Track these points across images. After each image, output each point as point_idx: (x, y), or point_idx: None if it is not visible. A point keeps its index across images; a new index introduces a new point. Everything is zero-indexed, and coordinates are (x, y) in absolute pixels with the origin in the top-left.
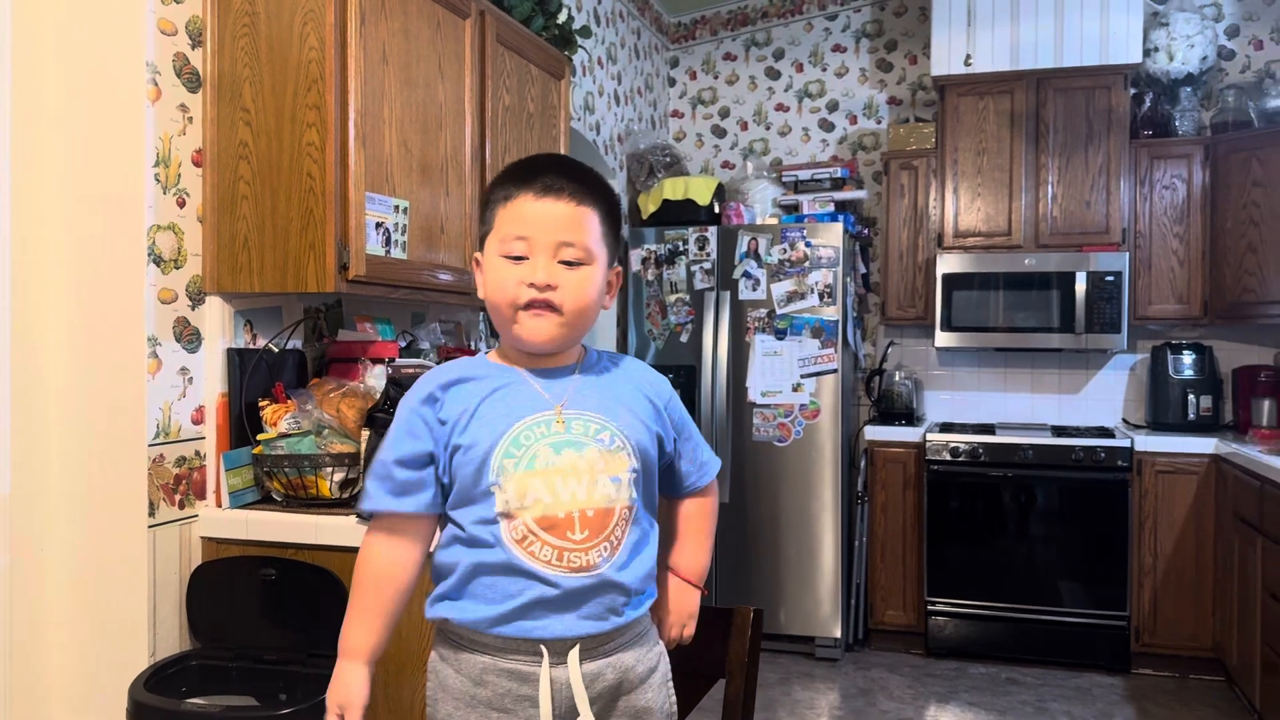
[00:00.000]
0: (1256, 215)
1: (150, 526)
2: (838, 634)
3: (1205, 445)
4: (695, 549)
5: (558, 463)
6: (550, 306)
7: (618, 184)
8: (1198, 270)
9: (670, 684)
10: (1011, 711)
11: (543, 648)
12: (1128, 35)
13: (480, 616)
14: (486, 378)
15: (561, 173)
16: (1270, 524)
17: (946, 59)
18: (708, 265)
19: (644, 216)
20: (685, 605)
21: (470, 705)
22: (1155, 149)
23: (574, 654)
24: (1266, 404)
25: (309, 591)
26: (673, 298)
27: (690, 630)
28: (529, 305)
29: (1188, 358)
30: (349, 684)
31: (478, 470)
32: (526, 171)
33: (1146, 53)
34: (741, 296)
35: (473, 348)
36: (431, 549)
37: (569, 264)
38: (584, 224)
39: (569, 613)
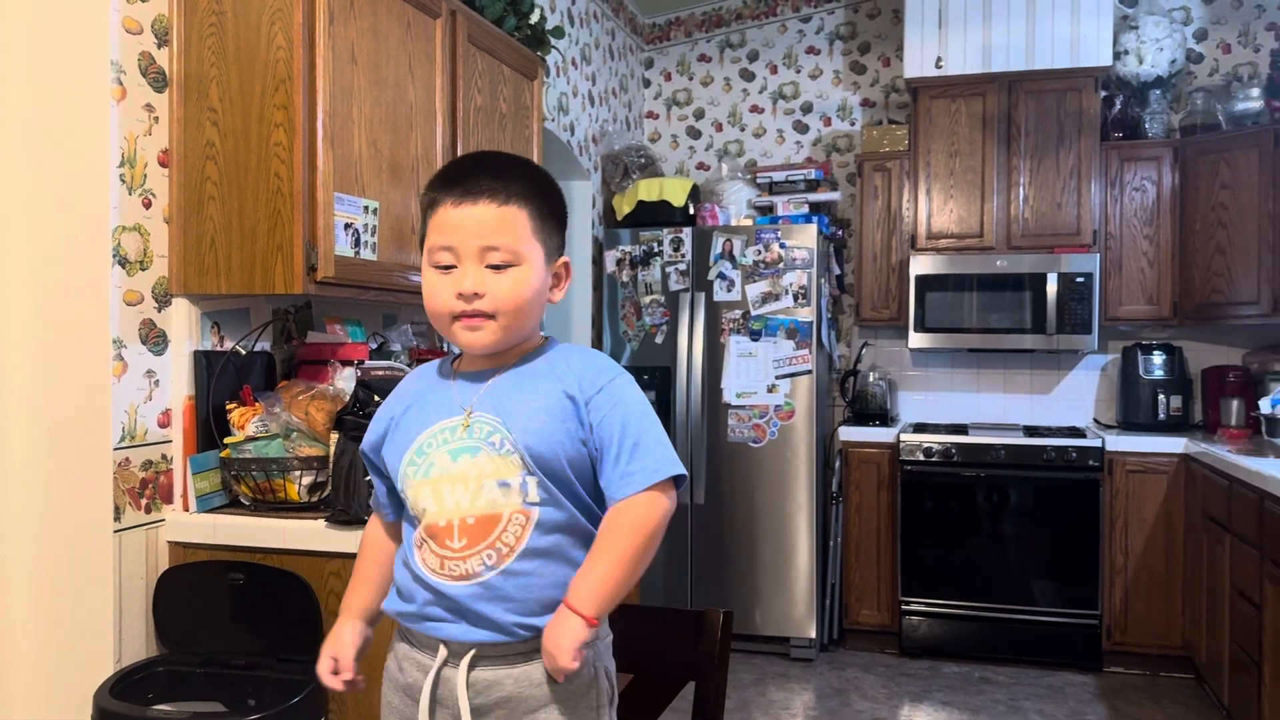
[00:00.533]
0: (1225, 217)
1: (116, 531)
2: (813, 634)
3: (1175, 445)
4: (588, 568)
5: (451, 470)
6: (482, 314)
7: (591, 185)
8: (1167, 271)
9: (603, 708)
10: (985, 710)
11: (443, 647)
12: (1098, 38)
13: (394, 610)
14: (424, 384)
15: (483, 174)
16: (1238, 523)
17: (919, 61)
18: (683, 266)
19: (619, 218)
20: (554, 633)
21: (395, 688)
22: (1125, 151)
23: (466, 659)
24: (1235, 404)
25: (277, 596)
26: (648, 299)
27: (563, 662)
28: (461, 316)
29: (1158, 358)
30: (340, 635)
31: (395, 477)
32: (447, 177)
33: (1116, 55)
34: (716, 298)
35: (445, 349)
36: None
37: (497, 268)
38: (509, 225)
39: (461, 620)
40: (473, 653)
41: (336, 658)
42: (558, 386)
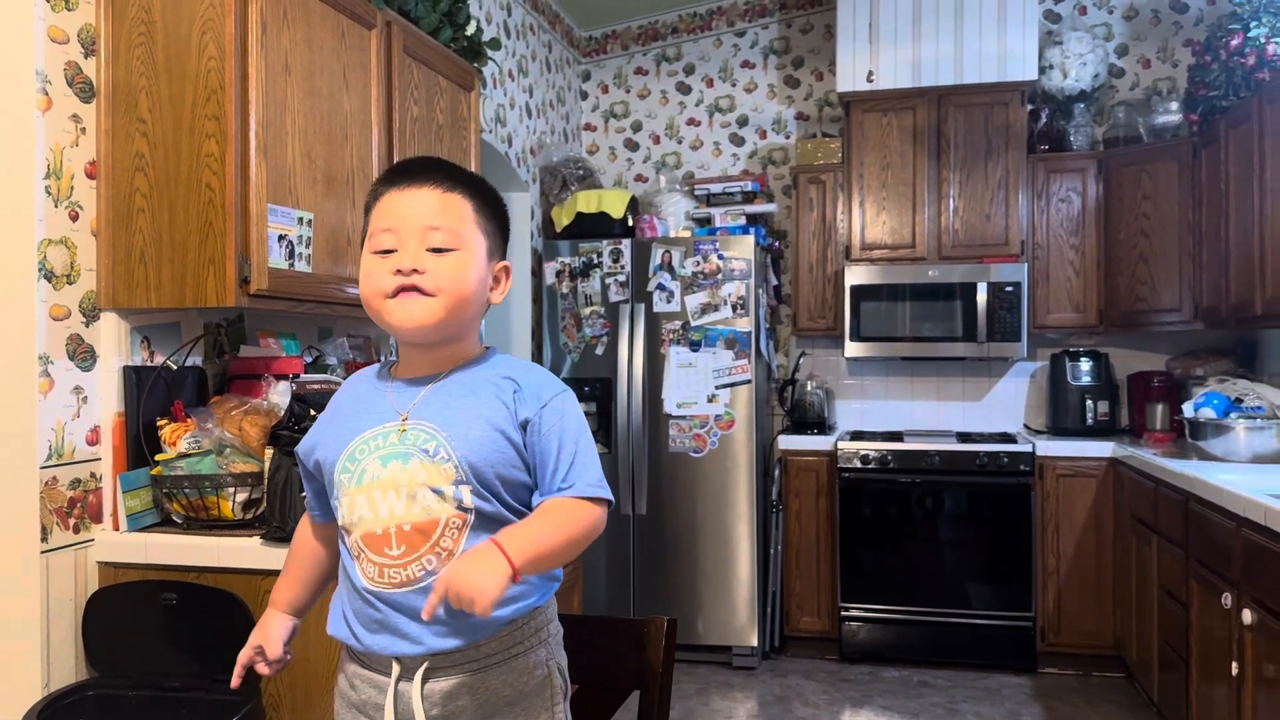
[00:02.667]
0: (1147, 227)
1: (43, 552)
2: (754, 642)
3: (1103, 449)
4: (523, 525)
5: (382, 476)
6: (419, 290)
7: (530, 197)
8: (1093, 280)
9: (557, 708)
10: (924, 714)
11: (394, 664)
12: (1024, 53)
13: (341, 636)
14: (359, 388)
15: (430, 166)
16: (1165, 524)
17: (851, 76)
18: (622, 278)
19: (558, 229)
20: (474, 568)
21: (347, 706)
22: (1052, 163)
23: (419, 673)
24: (1160, 408)
25: (212, 616)
26: (587, 310)
27: (481, 604)
28: (396, 292)
29: (1085, 365)
30: (268, 626)
31: (329, 485)
32: (395, 170)
33: (1042, 70)
34: (656, 309)
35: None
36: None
37: (439, 251)
38: (452, 209)
39: (406, 629)
40: (425, 665)
41: (263, 646)
42: (498, 397)
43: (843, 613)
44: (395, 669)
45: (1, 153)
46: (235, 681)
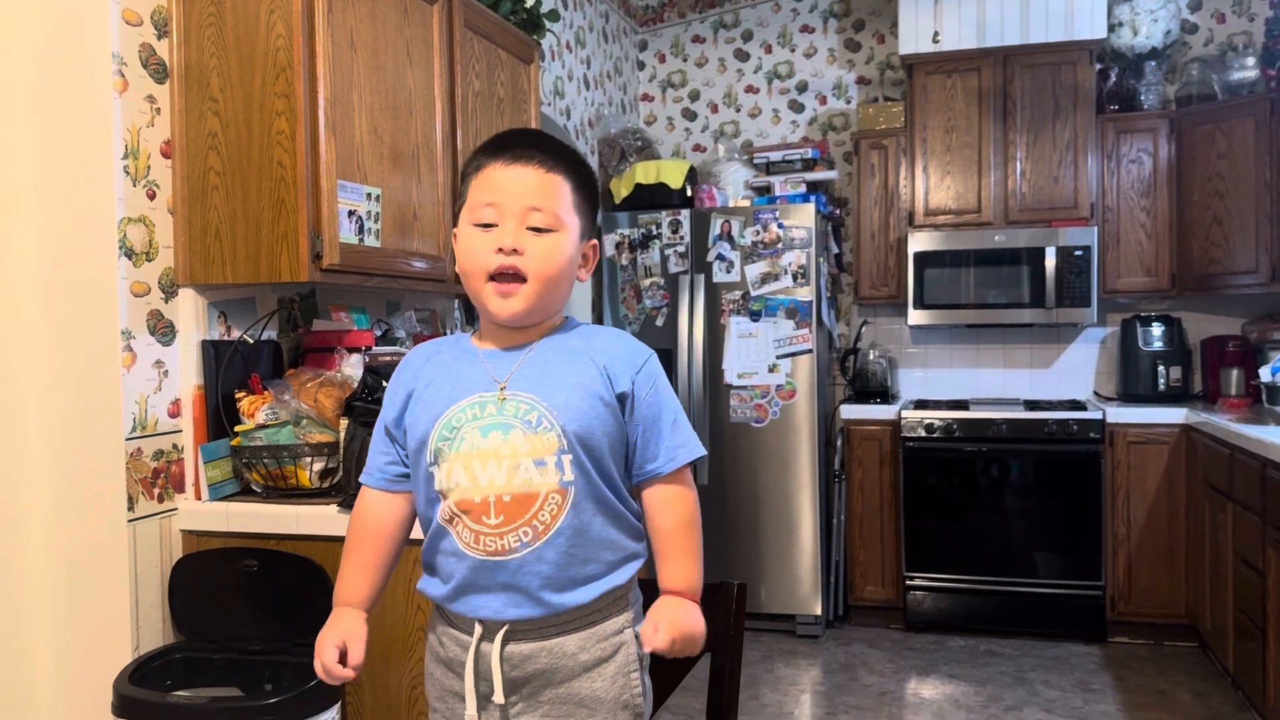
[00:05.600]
0: (1222, 187)
1: (130, 521)
2: (818, 611)
3: (1175, 415)
4: (679, 561)
5: (482, 446)
6: (517, 276)
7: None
8: (1165, 243)
9: (634, 674)
10: (991, 682)
11: (478, 625)
12: (1092, 10)
13: (433, 590)
14: (446, 356)
15: (532, 142)
16: (1240, 491)
17: (914, 37)
18: (681, 249)
19: (616, 201)
20: (660, 611)
21: (436, 661)
22: (1121, 123)
23: (500, 636)
24: (1234, 373)
25: (292, 581)
26: (647, 282)
27: (660, 643)
28: (497, 277)
29: (1157, 330)
30: (347, 622)
31: (419, 450)
32: (498, 142)
33: (1111, 28)
34: (716, 279)
35: (448, 334)
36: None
37: (538, 230)
38: (553, 190)
39: (495, 595)
40: (506, 628)
41: (349, 647)
42: (594, 363)
43: (907, 582)
44: (478, 630)
45: (82, 134)
46: (334, 678)
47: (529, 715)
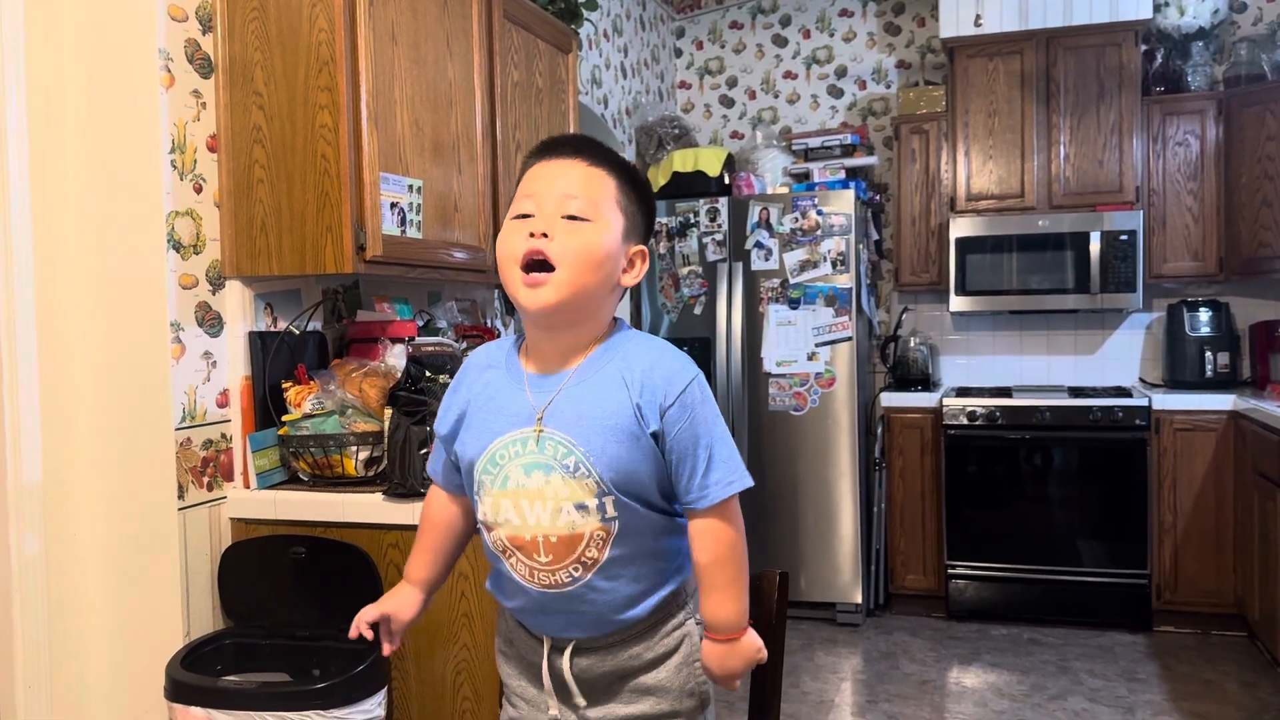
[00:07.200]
0: (1271, 169)
1: (180, 509)
2: (858, 599)
3: (1223, 402)
4: (722, 596)
5: (527, 485)
6: (545, 264)
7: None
8: (1213, 226)
9: (697, 663)
10: (1034, 671)
11: (546, 639)
12: None
13: (501, 602)
14: (495, 374)
15: (580, 142)
16: None
17: (955, 20)
18: (719, 237)
19: (654, 189)
20: (709, 661)
21: (507, 645)
22: (1168, 105)
23: (569, 650)
24: None
25: (339, 568)
26: (685, 270)
27: (722, 686)
28: (527, 267)
29: (1204, 315)
30: (400, 594)
31: (468, 476)
32: (546, 143)
33: (1157, 8)
34: (754, 267)
35: (488, 325)
36: None
37: (573, 219)
38: (593, 182)
39: (557, 617)
40: (573, 644)
41: (393, 617)
42: (630, 398)
43: (949, 570)
44: (547, 642)
45: (130, 129)
46: (354, 633)
47: (604, 705)
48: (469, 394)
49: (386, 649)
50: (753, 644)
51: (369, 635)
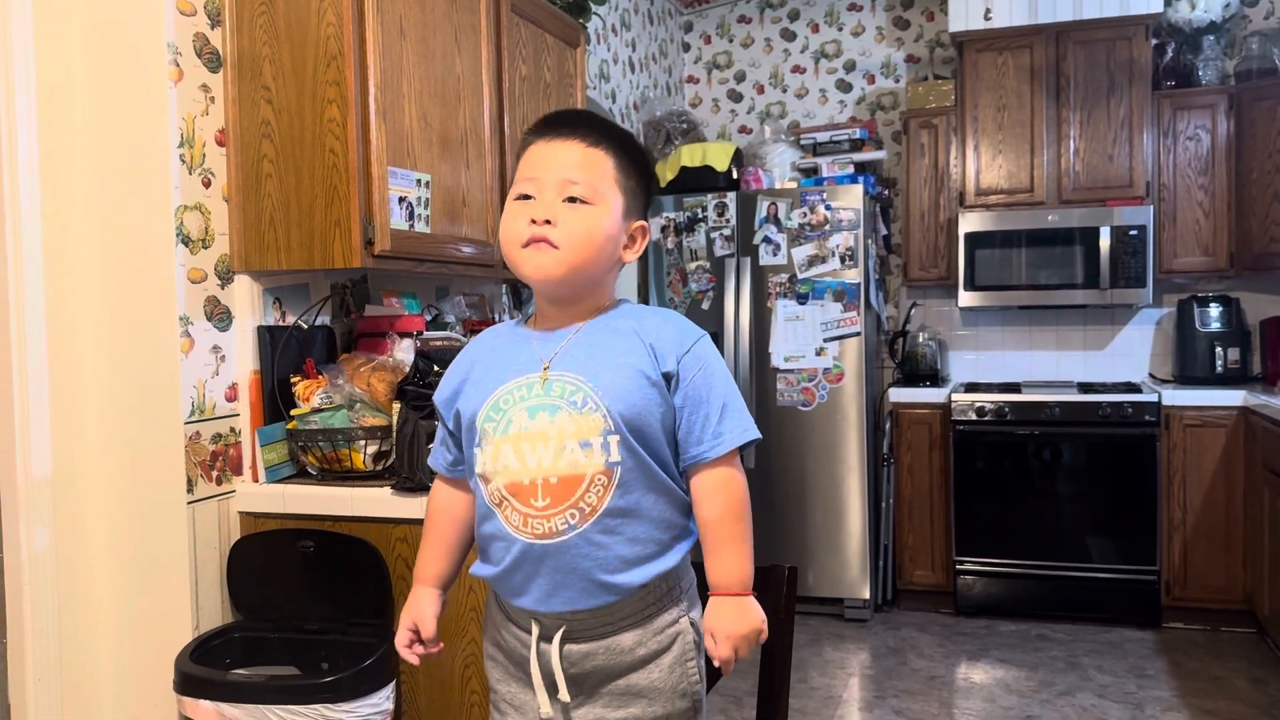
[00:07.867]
0: None
1: (189, 503)
2: (867, 595)
3: (1233, 398)
4: (726, 554)
5: (530, 427)
6: (549, 242)
7: None
8: (1223, 222)
9: (691, 663)
10: (1043, 666)
11: (534, 624)
12: None
13: (486, 573)
14: (501, 340)
15: (578, 119)
16: None
17: (964, 14)
18: (727, 231)
19: (661, 184)
20: (716, 620)
21: (496, 648)
22: (1178, 100)
23: (559, 636)
24: None
25: (347, 562)
26: (693, 265)
27: (724, 652)
28: (528, 243)
29: (1214, 310)
30: (419, 605)
31: (469, 432)
32: (545, 120)
33: (1167, 2)
34: (762, 262)
35: (496, 319)
36: None
37: (574, 201)
38: (593, 164)
39: (544, 579)
40: (563, 629)
41: (419, 627)
42: (642, 342)
43: (957, 566)
44: (535, 629)
45: (139, 124)
46: (414, 660)
47: (590, 708)
48: (473, 358)
49: (435, 650)
50: (759, 611)
51: (423, 651)
